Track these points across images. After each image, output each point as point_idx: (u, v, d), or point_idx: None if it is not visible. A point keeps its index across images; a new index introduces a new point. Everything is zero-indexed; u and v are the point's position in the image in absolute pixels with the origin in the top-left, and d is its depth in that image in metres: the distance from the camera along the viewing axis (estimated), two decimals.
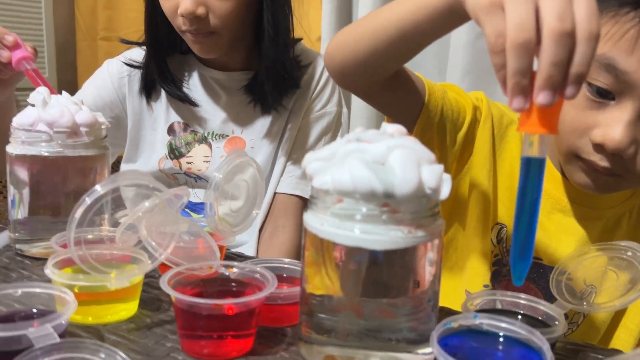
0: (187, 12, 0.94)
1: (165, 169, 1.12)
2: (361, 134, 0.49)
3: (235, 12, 0.98)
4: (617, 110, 0.61)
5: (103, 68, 1.15)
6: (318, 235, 0.47)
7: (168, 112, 1.12)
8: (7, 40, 0.85)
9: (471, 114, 0.74)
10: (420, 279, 0.48)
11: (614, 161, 0.63)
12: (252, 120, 1.11)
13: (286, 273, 0.64)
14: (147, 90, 1.12)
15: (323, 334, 0.50)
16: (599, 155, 0.63)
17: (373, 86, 0.70)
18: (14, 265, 0.70)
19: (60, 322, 0.47)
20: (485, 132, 0.75)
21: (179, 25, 0.99)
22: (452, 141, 0.73)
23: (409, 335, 0.49)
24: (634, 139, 0.61)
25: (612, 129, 0.61)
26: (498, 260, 0.76)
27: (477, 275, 0.76)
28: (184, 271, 0.56)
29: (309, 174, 0.48)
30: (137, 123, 1.14)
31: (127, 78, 1.12)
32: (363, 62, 0.65)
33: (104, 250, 0.61)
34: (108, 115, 1.11)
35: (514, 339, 0.48)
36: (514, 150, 0.76)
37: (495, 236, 0.76)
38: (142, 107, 1.13)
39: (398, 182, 0.44)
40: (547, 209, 0.75)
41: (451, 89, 0.75)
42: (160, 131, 1.13)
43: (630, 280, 0.56)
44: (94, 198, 0.53)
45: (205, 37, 0.99)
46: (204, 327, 0.52)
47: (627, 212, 0.75)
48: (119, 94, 1.12)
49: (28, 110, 0.72)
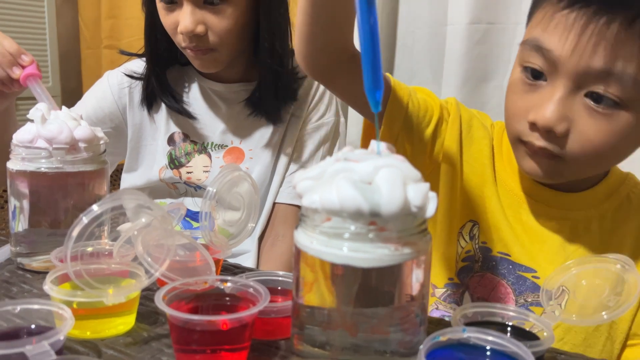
0: (186, 30, 0.97)
1: (166, 179, 1.14)
2: (349, 153, 0.50)
3: (233, 30, 1.00)
4: (549, 89, 0.64)
5: (103, 79, 1.17)
6: (308, 252, 0.49)
7: (168, 123, 1.14)
8: (23, 60, 0.88)
9: (438, 113, 0.77)
10: (407, 294, 0.49)
11: (549, 139, 0.65)
12: (251, 131, 1.13)
13: (280, 286, 0.65)
14: (149, 102, 1.14)
15: (314, 347, 0.51)
16: (535, 134, 0.66)
17: (335, 67, 0.72)
18: (15, 279, 0.72)
19: (57, 338, 0.48)
20: (454, 131, 0.78)
21: (179, 41, 1.02)
22: (419, 137, 0.76)
23: (399, 349, 0.50)
24: (565, 116, 0.63)
25: (543, 107, 0.63)
26: (470, 256, 0.79)
27: (443, 269, 0.79)
28: (179, 286, 0.57)
29: (298, 192, 0.50)
30: (138, 133, 1.15)
31: (127, 89, 1.14)
32: (306, 35, 0.68)
33: (102, 265, 0.62)
34: (108, 126, 1.13)
35: (501, 352, 0.49)
36: (484, 152, 0.79)
37: (467, 233, 0.79)
38: (142, 117, 1.15)
39: (384, 201, 0.45)
40: (514, 209, 0.77)
41: (421, 91, 0.79)
42: (161, 141, 1.14)
43: (618, 293, 0.56)
44: (91, 217, 0.54)
45: (205, 54, 1.02)
46: (198, 341, 0.53)
47: (597, 217, 0.76)
48: (119, 105, 1.14)
49: (27, 127, 0.74)
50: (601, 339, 0.75)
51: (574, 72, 0.61)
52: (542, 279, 0.74)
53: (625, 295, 0.56)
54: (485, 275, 0.78)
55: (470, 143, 0.80)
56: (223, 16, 0.98)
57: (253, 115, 1.11)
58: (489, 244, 0.78)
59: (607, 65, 0.59)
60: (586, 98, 0.63)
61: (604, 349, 0.75)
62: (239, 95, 1.12)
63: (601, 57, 0.59)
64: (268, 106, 1.09)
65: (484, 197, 0.78)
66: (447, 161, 0.79)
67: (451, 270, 0.79)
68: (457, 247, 0.79)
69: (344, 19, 0.68)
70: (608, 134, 0.63)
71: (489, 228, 0.78)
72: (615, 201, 0.77)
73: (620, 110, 0.62)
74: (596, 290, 0.58)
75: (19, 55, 0.88)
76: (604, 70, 0.60)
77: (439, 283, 0.81)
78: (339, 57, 0.71)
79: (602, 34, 0.58)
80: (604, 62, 0.59)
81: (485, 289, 0.78)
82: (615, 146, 0.65)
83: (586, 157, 0.65)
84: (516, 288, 0.76)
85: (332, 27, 0.68)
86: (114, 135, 1.14)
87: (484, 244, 0.78)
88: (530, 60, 0.65)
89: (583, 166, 0.68)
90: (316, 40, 0.69)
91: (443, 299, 0.80)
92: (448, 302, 0.80)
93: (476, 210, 0.79)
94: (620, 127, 0.63)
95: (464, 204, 0.80)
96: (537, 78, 0.65)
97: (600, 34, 0.58)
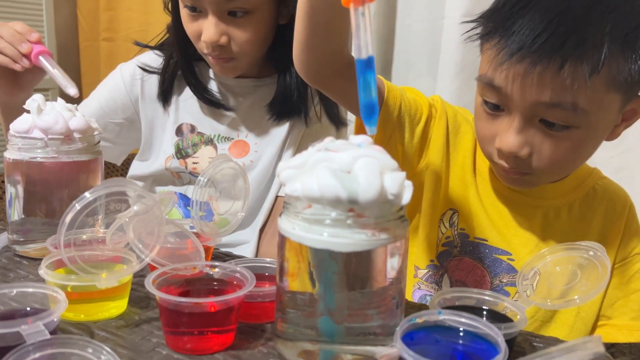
0: (210, 41, 1.00)
1: (172, 168, 1.17)
2: (330, 144, 0.52)
3: (254, 41, 1.04)
4: (508, 119, 0.71)
5: (116, 72, 1.19)
6: (290, 238, 0.51)
7: (177, 114, 1.17)
8: (31, 37, 0.94)
9: (427, 111, 0.82)
10: (385, 278, 0.52)
11: (515, 162, 0.72)
12: (257, 125, 1.16)
13: (267, 272, 0.67)
14: (165, 96, 1.17)
15: (297, 329, 0.54)
16: (504, 158, 0.73)
17: (331, 75, 0.76)
18: (12, 266, 0.74)
19: (51, 319, 0.51)
20: (441, 127, 0.83)
21: (201, 48, 1.06)
22: (410, 135, 0.81)
23: (378, 330, 0.53)
24: (525, 142, 0.70)
25: (506, 136, 0.70)
26: (450, 241, 0.84)
27: (425, 252, 0.85)
28: (169, 271, 0.59)
29: (281, 181, 0.52)
30: (150, 125, 1.18)
31: (139, 81, 1.17)
32: (304, 45, 0.72)
33: (96, 251, 0.65)
34: (120, 117, 1.17)
35: (474, 333, 0.52)
36: (466, 145, 0.85)
37: (448, 220, 0.84)
38: (155, 110, 1.18)
39: (362, 189, 0.48)
40: (492, 197, 0.83)
41: (410, 90, 0.83)
42: (169, 131, 1.17)
43: (589, 278, 0.59)
44: (83, 204, 0.56)
45: (226, 62, 1.06)
46: (186, 324, 0.55)
47: (566, 205, 0.82)
48: (131, 97, 1.17)
49: (24, 117, 0.76)
50: (570, 317, 0.80)
51: (524, 106, 0.68)
52: (517, 261, 0.80)
53: (596, 280, 0.58)
54: (463, 259, 0.83)
55: (456, 137, 0.85)
56: (245, 28, 1.02)
57: (275, 119, 1.15)
58: (467, 231, 0.83)
59: (549, 100, 0.66)
60: (540, 123, 0.69)
61: (574, 327, 0.79)
62: (249, 90, 1.16)
63: (543, 95, 0.66)
64: (291, 108, 1.13)
65: (464, 187, 0.83)
66: (435, 156, 0.83)
67: (432, 254, 0.85)
68: (438, 233, 0.84)
69: (340, 30, 0.71)
70: (566, 150, 0.70)
71: (468, 216, 0.83)
72: (582, 191, 0.82)
73: (571, 129, 0.69)
74: (569, 276, 0.60)
75: (28, 33, 0.93)
76: (548, 104, 0.67)
77: (422, 264, 0.85)
78: (336, 65, 0.75)
79: (539, 78, 0.66)
80: (546, 98, 0.66)
81: (462, 272, 0.83)
82: (575, 157, 0.73)
83: (551, 170, 0.73)
84: (492, 270, 0.81)
85: (329, 37, 0.72)
86: (126, 126, 1.17)
87: (463, 230, 0.83)
88: (487, 94, 0.72)
89: (551, 176, 0.76)
90: (314, 50, 0.72)
91: (425, 279, 0.85)
92: (429, 283, 0.85)
93: (457, 199, 0.84)
94: (575, 143, 0.70)
95: (447, 193, 0.84)
96: (496, 109, 0.72)
97: (540, 78, 0.66)
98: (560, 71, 0.64)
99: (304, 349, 0.54)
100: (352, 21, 0.54)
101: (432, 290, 0.84)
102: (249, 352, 0.56)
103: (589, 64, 0.64)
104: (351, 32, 0.54)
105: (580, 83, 0.64)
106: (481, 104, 0.74)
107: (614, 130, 0.75)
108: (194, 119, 1.17)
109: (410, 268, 0.85)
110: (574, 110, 0.66)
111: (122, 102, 1.17)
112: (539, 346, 0.61)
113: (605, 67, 0.64)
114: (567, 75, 0.64)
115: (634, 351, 0.86)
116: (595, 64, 0.64)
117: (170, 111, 1.17)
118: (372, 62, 0.53)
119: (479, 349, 0.51)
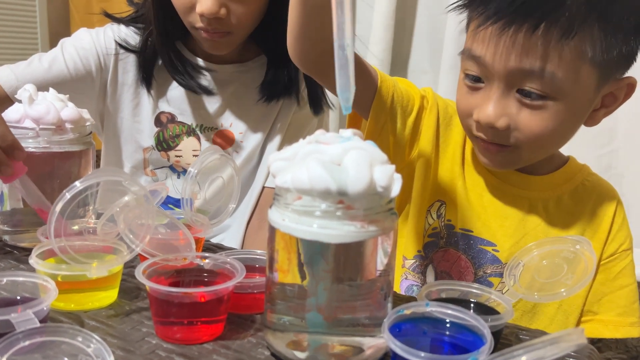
0: (209, 12, 0.94)
1: (152, 160, 1.13)
2: (321, 136, 0.52)
3: (254, 15, 1.00)
4: (486, 91, 0.73)
5: (90, 34, 1.11)
6: (280, 229, 0.51)
7: (156, 102, 1.11)
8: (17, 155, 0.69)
9: (419, 102, 0.83)
10: (373, 270, 0.52)
11: (493, 134, 0.73)
12: (241, 114, 1.13)
13: (258, 263, 0.68)
14: (147, 79, 1.09)
15: (285, 320, 0.54)
16: (482, 131, 0.74)
17: (327, 64, 0.74)
18: (2, 256, 0.74)
19: (41, 308, 0.51)
20: (431, 118, 0.84)
21: (192, 22, 0.99)
22: (402, 126, 0.82)
23: (366, 322, 0.53)
24: (503, 112, 0.71)
25: (483, 107, 0.72)
26: (436, 232, 0.85)
27: (412, 242, 0.86)
28: (160, 262, 0.60)
29: (272, 172, 0.52)
30: (116, 106, 1.11)
31: (113, 57, 1.09)
32: (298, 34, 0.72)
33: (87, 242, 0.65)
34: (82, 64, 1.07)
35: (461, 324, 0.53)
36: (457, 137, 0.86)
37: (435, 211, 0.85)
38: (122, 92, 1.10)
39: (351, 181, 0.48)
40: (479, 187, 0.84)
41: (402, 82, 0.84)
42: (147, 122, 1.12)
43: (575, 271, 0.60)
44: (73, 193, 0.57)
45: (221, 37, 1.00)
46: (176, 314, 0.56)
47: (555, 198, 0.82)
48: (103, 63, 1.08)
49: (15, 107, 0.76)
50: (551, 309, 0.81)
51: (501, 74, 0.70)
52: (501, 252, 0.81)
53: (582, 273, 0.59)
54: (448, 250, 0.84)
55: (446, 129, 0.86)
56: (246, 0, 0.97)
57: (265, 100, 1.11)
58: (453, 222, 0.84)
59: (525, 66, 0.68)
60: (518, 94, 0.71)
61: (555, 318, 0.80)
62: (233, 75, 1.12)
63: (517, 60, 0.68)
64: (284, 88, 1.10)
65: (452, 178, 0.85)
66: (425, 147, 0.84)
67: (419, 244, 0.86)
68: (425, 224, 0.85)
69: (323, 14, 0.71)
70: (544, 122, 0.71)
71: (455, 207, 0.84)
72: (571, 186, 0.83)
73: (548, 100, 0.70)
74: (555, 269, 0.61)
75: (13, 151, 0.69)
76: (523, 70, 0.68)
77: (409, 255, 0.86)
78: (329, 54, 0.74)
79: (513, 41, 0.68)
80: (522, 63, 0.68)
81: (447, 263, 0.84)
82: (553, 131, 0.72)
83: (530, 144, 0.73)
84: (476, 262, 0.82)
85: (323, 26, 0.71)
86: (82, 75, 1.06)
87: (449, 221, 0.84)
88: (468, 67, 0.74)
89: (530, 152, 0.76)
90: (308, 39, 0.73)
91: (412, 269, 0.86)
92: (416, 273, 0.86)
93: (445, 190, 0.85)
94: (552, 115, 0.71)
95: (435, 185, 0.85)
96: (476, 82, 0.74)
97: (512, 41, 0.68)
98: (533, 33, 0.66)
99: (292, 340, 0.54)
100: None
101: (419, 281, 0.85)
102: (238, 342, 0.57)
103: (562, 28, 0.66)
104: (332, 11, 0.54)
105: (553, 47, 0.66)
106: (462, 79, 0.76)
107: (593, 115, 0.76)
108: (173, 108, 1.11)
109: (399, 258, 0.86)
110: (550, 79, 0.68)
111: (94, 60, 1.07)
112: (525, 338, 0.62)
113: (579, 35, 0.66)
114: (540, 37, 0.66)
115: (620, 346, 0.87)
116: (568, 28, 0.66)
117: (146, 99, 1.10)
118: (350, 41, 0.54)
119: (465, 341, 0.52)
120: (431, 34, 1.70)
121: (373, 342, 0.53)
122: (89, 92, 1.09)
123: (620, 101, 0.76)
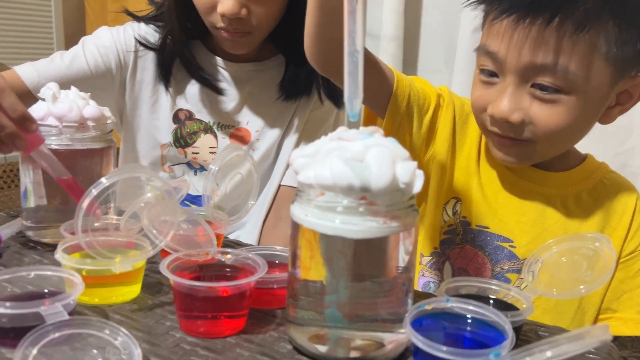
0: (230, 13, 0.95)
1: (169, 156, 1.14)
2: (343, 133, 0.53)
3: (274, 15, 1.02)
4: (501, 85, 0.74)
5: (110, 32, 1.12)
6: (303, 225, 0.52)
7: (174, 100, 1.12)
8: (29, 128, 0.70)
9: (435, 101, 0.84)
10: (395, 265, 0.53)
11: (508, 128, 0.74)
12: (258, 112, 1.14)
13: (278, 260, 0.69)
14: (166, 76, 1.11)
15: (307, 315, 0.55)
16: (497, 125, 0.75)
17: (341, 64, 0.76)
18: (27, 251, 0.75)
19: (69, 301, 0.52)
20: (448, 116, 0.85)
21: (213, 21, 1.00)
22: (419, 125, 0.82)
23: (387, 317, 0.54)
24: (517, 107, 0.72)
25: (498, 101, 0.73)
26: (452, 229, 0.85)
27: (428, 239, 0.86)
28: (183, 257, 0.61)
29: (294, 169, 0.53)
30: (135, 103, 1.13)
31: (133, 54, 1.10)
32: (315, 36, 0.73)
33: (110, 237, 0.66)
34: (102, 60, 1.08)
35: (482, 320, 0.53)
36: (473, 135, 0.86)
37: (451, 208, 0.86)
38: (141, 89, 1.12)
39: (374, 177, 0.49)
40: (496, 183, 0.84)
41: (418, 80, 0.85)
42: (165, 119, 1.13)
43: (594, 268, 0.60)
44: (100, 189, 0.58)
45: (242, 37, 1.02)
46: (200, 308, 0.56)
47: (573, 195, 0.82)
48: (122, 60, 1.10)
49: (39, 104, 0.77)
50: (572, 307, 0.81)
51: (515, 68, 0.71)
52: (518, 248, 0.82)
53: (601, 271, 0.59)
54: (464, 247, 0.84)
55: (463, 127, 0.86)
56: (265, 0, 0.98)
57: (284, 99, 1.13)
58: (469, 219, 0.84)
59: (537, 60, 0.69)
60: (532, 88, 0.71)
61: (575, 317, 0.80)
62: (251, 74, 1.13)
63: (533, 54, 0.69)
64: (304, 86, 1.11)
65: (468, 175, 0.85)
66: (441, 145, 0.84)
67: (436, 241, 0.86)
68: (441, 221, 0.86)
69: None
70: (558, 117, 0.71)
71: (470, 204, 0.84)
72: (590, 183, 0.83)
73: (563, 95, 0.70)
74: (575, 266, 0.61)
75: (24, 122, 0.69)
76: (536, 64, 0.69)
77: (426, 252, 0.87)
78: None
79: (527, 34, 0.69)
80: (533, 57, 0.69)
81: (464, 260, 0.84)
82: (567, 126, 0.72)
83: (545, 138, 0.74)
84: (493, 258, 0.83)
85: (339, 29, 0.72)
86: (102, 72, 1.07)
87: (465, 218, 0.84)
88: (483, 63, 0.75)
89: (545, 146, 0.76)
90: (324, 41, 0.74)
91: (429, 266, 0.86)
92: (433, 270, 0.86)
93: (461, 188, 0.85)
94: (566, 110, 0.71)
95: (451, 182, 0.86)
96: (491, 76, 0.75)
97: (526, 34, 0.69)
98: (547, 26, 0.67)
99: (314, 334, 0.55)
100: (346, 5, 0.54)
101: (436, 278, 0.86)
102: (261, 336, 0.57)
103: (576, 22, 0.66)
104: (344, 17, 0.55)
105: (566, 41, 0.67)
106: (477, 74, 0.77)
107: (608, 113, 0.76)
108: (191, 105, 1.12)
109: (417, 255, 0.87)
110: (564, 72, 0.68)
111: (114, 56, 1.08)
112: (545, 335, 0.62)
113: (593, 30, 0.67)
114: (554, 31, 0.67)
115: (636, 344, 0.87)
116: (582, 22, 0.66)
117: (164, 96, 1.11)
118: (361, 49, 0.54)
119: (486, 336, 0.52)
120: (445, 33, 1.70)
121: (394, 337, 0.54)
122: (108, 89, 1.10)
123: (636, 99, 0.76)
